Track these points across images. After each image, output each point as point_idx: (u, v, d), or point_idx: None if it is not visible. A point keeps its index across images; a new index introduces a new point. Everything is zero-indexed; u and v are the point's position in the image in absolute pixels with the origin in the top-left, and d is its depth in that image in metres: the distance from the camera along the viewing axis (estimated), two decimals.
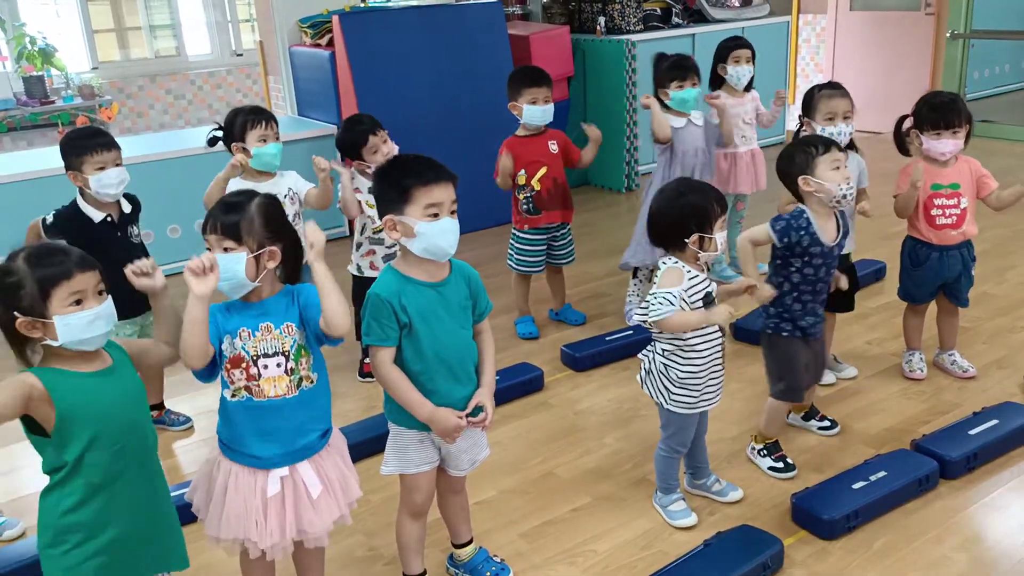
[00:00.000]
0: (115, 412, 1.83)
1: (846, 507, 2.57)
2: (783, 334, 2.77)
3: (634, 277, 4.10)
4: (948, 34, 7.28)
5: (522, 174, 3.80)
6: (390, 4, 5.93)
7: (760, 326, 2.86)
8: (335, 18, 5.28)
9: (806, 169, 2.65)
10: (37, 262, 1.75)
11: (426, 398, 2.12)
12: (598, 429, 3.24)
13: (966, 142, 3.16)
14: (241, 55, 8.85)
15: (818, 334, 2.81)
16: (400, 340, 2.10)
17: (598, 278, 4.70)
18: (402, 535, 2.34)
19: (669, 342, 2.48)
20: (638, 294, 4.08)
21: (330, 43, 5.46)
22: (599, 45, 6.30)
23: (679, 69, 3.83)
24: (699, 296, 2.42)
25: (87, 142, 2.96)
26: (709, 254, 2.40)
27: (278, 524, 1.99)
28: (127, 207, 3.13)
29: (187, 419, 3.41)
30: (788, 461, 2.87)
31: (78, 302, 1.76)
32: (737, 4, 6.97)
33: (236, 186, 3.13)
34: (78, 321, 1.75)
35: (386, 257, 3.51)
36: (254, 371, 1.96)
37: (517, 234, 3.94)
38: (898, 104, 3.80)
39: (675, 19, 6.73)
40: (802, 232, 2.64)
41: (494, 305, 2.33)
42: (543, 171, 3.79)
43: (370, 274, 3.52)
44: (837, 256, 2.74)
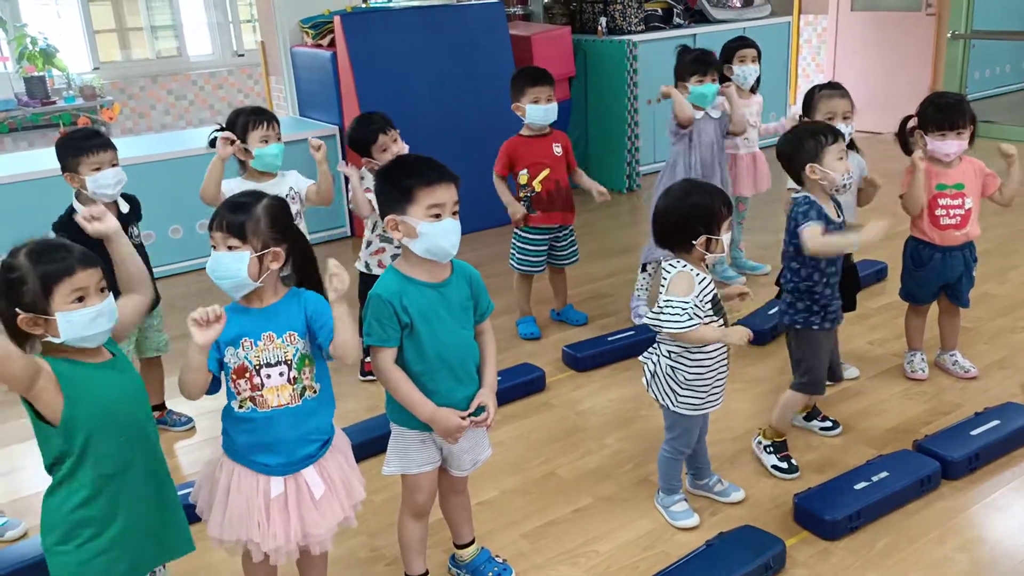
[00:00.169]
0: (119, 403, 1.84)
1: (848, 507, 2.57)
2: (813, 327, 2.78)
3: (643, 271, 4.09)
4: (949, 34, 7.28)
5: (524, 174, 3.81)
6: (392, 4, 5.93)
7: (787, 322, 2.84)
8: (336, 18, 5.28)
9: (815, 157, 2.68)
10: (39, 258, 1.74)
11: (428, 398, 2.12)
12: (600, 429, 3.24)
13: (971, 143, 3.16)
14: (243, 55, 8.83)
15: (841, 319, 2.85)
16: (402, 340, 2.10)
17: (599, 279, 4.70)
18: (404, 535, 2.34)
19: (676, 344, 2.48)
20: (646, 288, 4.08)
21: (332, 43, 5.47)
22: (600, 45, 6.30)
23: (700, 64, 3.83)
24: (708, 300, 2.43)
25: (83, 143, 2.95)
26: (715, 255, 2.41)
27: (282, 527, 1.98)
28: (125, 207, 3.12)
29: (189, 419, 3.42)
30: (792, 462, 2.87)
31: (80, 299, 1.76)
32: (738, 4, 6.97)
33: (238, 186, 3.13)
34: (80, 318, 1.75)
35: (395, 256, 3.50)
36: (257, 381, 1.96)
37: (519, 234, 3.94)
38: (899, 104, 3.80)
39: (676, 20, 6.73)
40: (821, 213, 2.68)
41: (495, 305, 2.33)
42: (546, 173, 3.79)
43: (377, 272, 3.51)
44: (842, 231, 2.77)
